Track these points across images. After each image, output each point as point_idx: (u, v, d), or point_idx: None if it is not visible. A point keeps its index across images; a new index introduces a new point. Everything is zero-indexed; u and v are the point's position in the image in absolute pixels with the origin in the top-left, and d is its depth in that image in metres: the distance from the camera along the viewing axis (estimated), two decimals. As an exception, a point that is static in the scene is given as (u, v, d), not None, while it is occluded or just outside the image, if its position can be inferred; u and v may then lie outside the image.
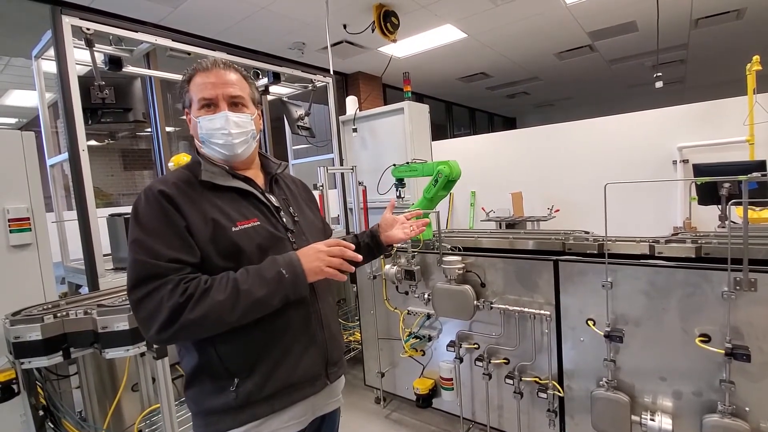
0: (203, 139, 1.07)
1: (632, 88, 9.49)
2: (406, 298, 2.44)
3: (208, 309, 0.87)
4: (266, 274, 0.93)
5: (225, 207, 1.02)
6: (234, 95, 1.07)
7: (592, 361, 1.80)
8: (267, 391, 1.00)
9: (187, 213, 0.97)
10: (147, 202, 0.97)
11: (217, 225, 0.98)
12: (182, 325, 0.86)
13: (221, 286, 0.90)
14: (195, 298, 0.87)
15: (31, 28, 4.10)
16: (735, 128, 3.99)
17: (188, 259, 0.94)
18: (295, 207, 1.19)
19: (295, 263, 0.96)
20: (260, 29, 4.75)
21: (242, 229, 1.00)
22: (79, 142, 2.03)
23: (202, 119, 1.05)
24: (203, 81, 1.05)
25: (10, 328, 1.61)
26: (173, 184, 1.00)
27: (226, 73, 1.07)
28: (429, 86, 7.97)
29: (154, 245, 0.91)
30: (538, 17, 5.04)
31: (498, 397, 2.15)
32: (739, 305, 1.46)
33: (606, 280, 1.71)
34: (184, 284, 0.88)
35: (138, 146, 6.65)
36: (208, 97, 1.05)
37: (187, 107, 1.10)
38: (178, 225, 0.95)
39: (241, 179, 1.09)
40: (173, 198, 0.97)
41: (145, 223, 0.95)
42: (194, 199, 1.00)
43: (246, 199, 1.07)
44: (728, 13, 5.30)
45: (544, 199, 5.18)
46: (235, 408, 0.98)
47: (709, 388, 1.54)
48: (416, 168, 2.69)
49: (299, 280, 0.96)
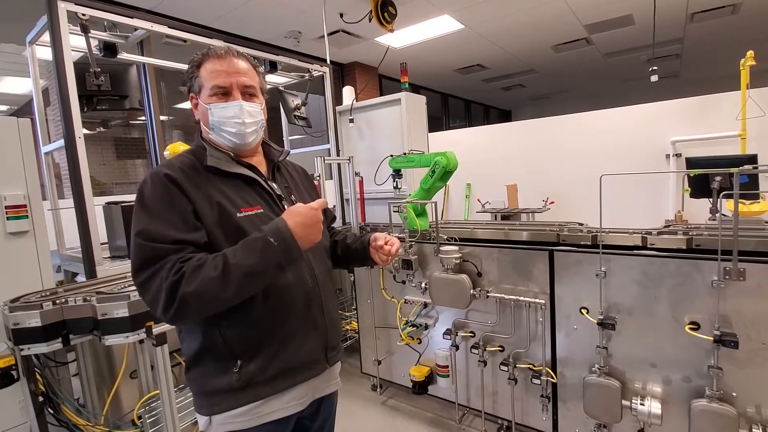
0: (214, 126, 1.07)
1: (627, 81, 9.53)
2: (403, 287, 2.47)
3: (201, 284, 0.87)
4: (254, 246, 0.92)
5: (230, 193, 1.03)
6: (247, 85, 1.08)
7: (585, 349, 1.84)
8: (269, 372, 1.02)
9: (193, 197, 0.97)
10: (152, 185, 0.97)
11: (222, 209, 0.99)
12: (181, 300, 0.86)
13: (212, 262, 0.90)
14: (187, 274, 0.87)
15: (22, 14, 4.01)
16: (728, 123, 4.04)
17: (191, 238, 0.94)
18: (297, 195, 1.20)
19: (283, 229, 0.94)
20: (255, 17, 4.70)
21: (246, 215, 1.02)
22: (75, 130, 2.01)
23: (215, 106, 1.05)
24: (217, 68, 1.05)
25: (9, 314, 1.61)
26: (179, 169, 1.00)
27: (239, 62, 1.08)
28: (425, 77, 7.94)
29: (157, 228, 0.92)
30: (536, 9, 5.03)
31: (493, 384, 2.19)
32: (727, 294, 1.51)
33: (600, 270, 1.74)
34: (180, 263, 0.89)
35: (131, 135, 6.56)
36: (223, 85, 1.05)
37: (195, 92, 1.09)
38: (183, 207, 0.95)
39: (245, 166, 1.10)
40: (179, 182, 0.97)
41: (149, 206, 0.95)
42: (199, 184, 1.00)
43: (250, 186, 1.08)
44: (723, 8, 5.33)
45: (539, 191, 5.22)
46: (237, 389, 1.00)
47: (698, 375, 1.59)
48: (413, 159, 2.70)
49: (289, 245, 0.93)
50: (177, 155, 1.09)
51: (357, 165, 3.48)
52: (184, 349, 1.08)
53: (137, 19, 2.32)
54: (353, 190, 3.35)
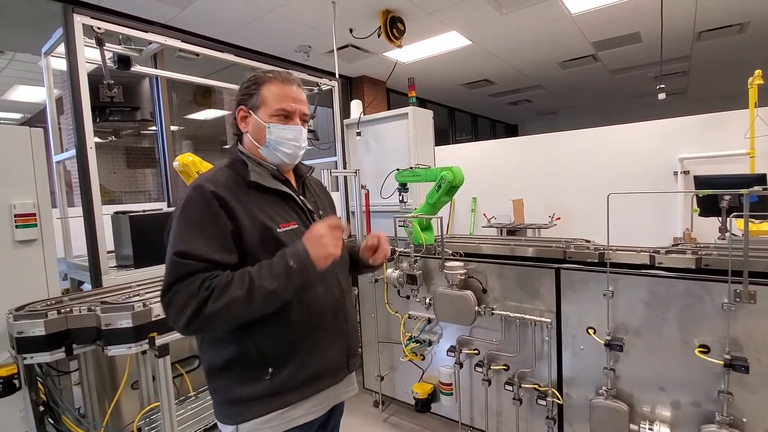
0: (269, 143, 1.13)
1: (634, 98, 9.54)
2: (407, 302, 2.45)
3: (227, 303, 0.93)
4: (276, 268, 0.98)
5: (268, 208, 1.09)
6: (305, 113, 1.18)
7: (591, 370, 1.81)
8: (299, 379, 1.08)
9: (236, 214, 1.02)
10: (197, 201, 1.02)
11: (264, 226, 1.05)
12: (205, 317, 0.93)
13: (239, 282, 0.96)
14: (216, 293, 0.93)
15: (38, 25, 4.12)
16: (736, 141, 4.01)
17: (223, 260, 0.99)
18: (323, 209, 1.28)
19: (302, 253, 0.99)
20: (267, 32, 4.78)
21: (285, 231, 1.08)
22: (87, 140, 2.04)
23: (275, 127, 1.12)
24: (284, 93, 1.13)
25: (13, 323, 1.62)
26: (224, 186, 1.05)
27: (301, 91, 1.18)
28: (432, 91, 8.00)
29: (195, 247, 0.97)
30: (543, 26, 5.07)
31: (497, 404, 2.15)
32: (738, 317, 1.47)
33: (607, 289, 1.72)
34: (209, 281, 0.95)
35: (141, 144, 6.66)
36: (288, 110, 1.13)
37: (252, 107, 1.14)
38: (223, 227, 1.00)
39: (281, 182, 1.17)
40: (225, 200, 1.02)
41: (191, 223, 1.00)
42: (242, 200, 1.05)
43: (285, 202, 1.15)
44: (731, 26, 5.34)
45: (545, 207, 5.19)
46: (267, 395, 1.05)
47: (708, 399, 1.55)
48: (420, 173, 2.70)
49: (307, 268, 0.99)
50: (216, 169, 1.13)
51: (363, 178, 3.50)
52: (207, 359, 1.11)
53: (151, 33, 2.37)
54: (359, 203, 3.36)
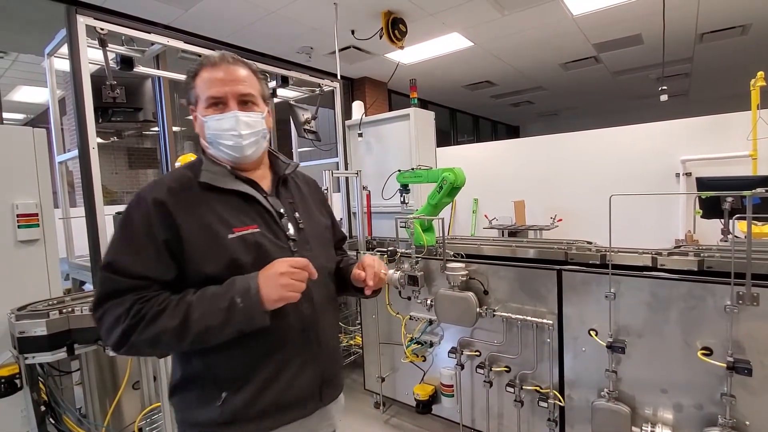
0: (210, 140, 1.00)
1: (636, 99, 9.53)
2: (408, 303, 2.45)
3: (156, 334, 0.83)
4: (220, 302, 0.86)
5: (223, 211, 0.96)
6: (244, 93, 1.00)
7: (593, 372, 1.80)
8: (257, 408, 0.94)
9: (180, 221, 0.91)
10: (134, 211, 0.92)
11: (212, 231, 0.92)
12: (133, 345, 0.84)
13: (174, 310, 0.85)
14: (145, 321, 0.83)
15: (41, 26, 4.14)
16: (738, 143, 4.01)
17: (158, 276, 0.89)
18: (303, 211, 1.10)
19: (252, 291, 0.86)
20: (269, 33, 4.80)
21: (239, 236, 0.94)
22: (89, 140, 2.05)
23: (210, 119, 0.98)
24: (211, 77, 0.98)
25: (15, 323, 1.62)
26: (168, 189, 0.94)
27: (235, 69, 1.00)
28: (434, 93, 8.01)
29: (125, 260, 0.88)
30: (545, 28, 5.08)
31: (498, 405, 2.15)
32: (741, 319, 1.47)
33: (609, 291, 1.71)
34: (139, 304, 0.85)
35: (143, 145, 6.68)
36: (217, 96, 0.98)
37: (193, 104, 1.03)
38: (159, 239, 0.89)
39: (244, 181, 1.02)
40: (167, 206, 0.91)
41: (125, 235, 0.91)
42: (191, 203, 0.94)
43: (248, 204, 1.00)
44: (733, 28, 5.34)
45: (547, 208, 5.19)
46: (220, 423, 0.93)
47: (710, 402, 1.54)
48: (421, 174, 2.70)
49: (254, 311, 0.86)
50: (174, 170, 1.04)
51: (365, 179, 3.50)
52: (171, 369, 1.02)
53: (154, 34, 2.38)
54: (360, 204, 3.36)
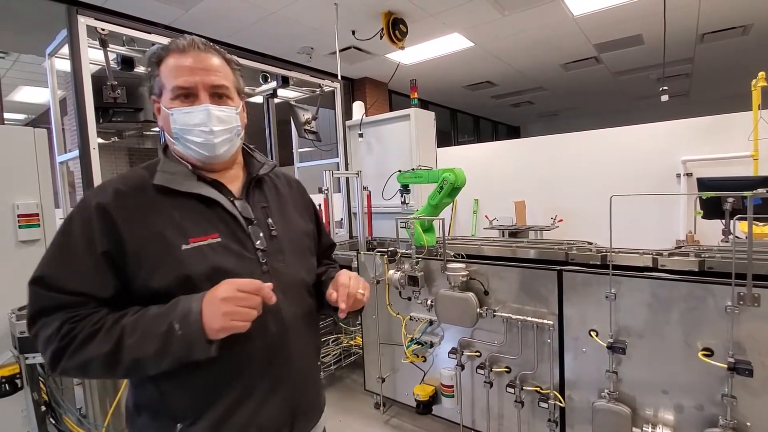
0: (177, 135, 0.88)
1: (637, 100, 9.53)
2: (408, 303, 2.44)
3: (87, 360, 0.75)
4: (157, 327, 0.75)
5: (181, 218, 0.84)
6: (217, 84, 0.88)
7: (594, 372, 1.80)
8: None
9: (124, 230, 0.80)
10: (74, 219, 0.82)
11: (163, 241, 0.81)
12: (65, 370, 0.77)
13: (107, 333, 0.75)
14: (74, 345, 0.75)
15: (42, 26, 4.15)
16: (740, 143, 4.01)
17: (95, 293, 0.80)
18: (278, 217, 0.98)
19: (192, 318, 0.75)
20: (270, 33, 4.80)
21: (194, 246, 0.83)
22: (90, 141, 2.05)
23: (177, 111, 0.86)
24: (178, 64, 0.86)
25: (15, 323, 1.63)
26: (115, 193, 0.82)
27: (206, 57, 0.88)
28: (434, 93, 8.01)
29: (59, 275, 0.79)
30: (545, 28, 5.08)
31: (498, 406, 2.14)
32: (742, 320, 1.47)
33: (610, 292, 1.71)
34: (69, 325, 0.76)
35: (144, 145, 6.68)
36: (186, 86, 0.86)
37: (156, 95, 0.90)
38: (98, 251, 0.79)
39: (208, 183, 0.90)
40: (110, 212, 0.80)
41: (61, 246, 0.81)
42: (141, 209, 0.83)
43: (210, 209, 0.88)
44: (734, 29, 5.34)
45: (547, 209, 5.19)
46: None
47: (711, 402, 1.54)
48: (421, 175, 2.71)
49: (194, 339, 0.75)
50: (129, 170, 0.93)
51: (365, 179, 3.50)
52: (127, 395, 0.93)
53: (155, 34, 2.38)
54: (361, 205, 3.36)
